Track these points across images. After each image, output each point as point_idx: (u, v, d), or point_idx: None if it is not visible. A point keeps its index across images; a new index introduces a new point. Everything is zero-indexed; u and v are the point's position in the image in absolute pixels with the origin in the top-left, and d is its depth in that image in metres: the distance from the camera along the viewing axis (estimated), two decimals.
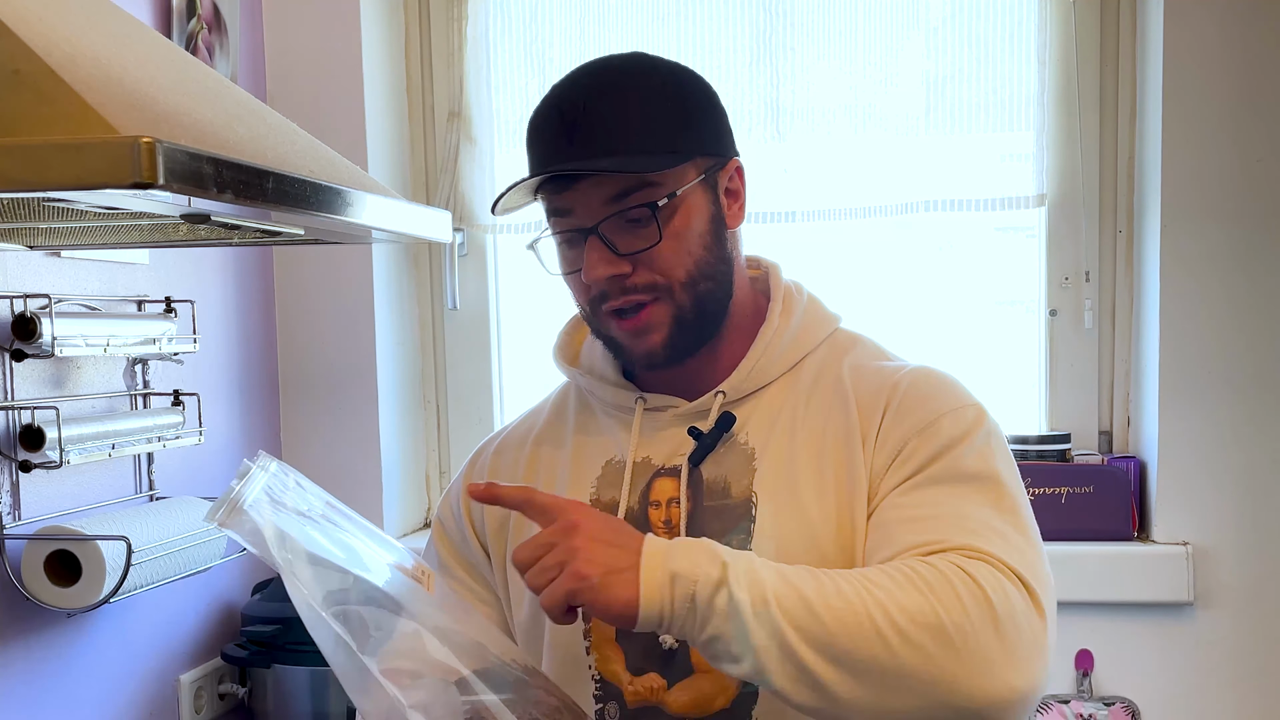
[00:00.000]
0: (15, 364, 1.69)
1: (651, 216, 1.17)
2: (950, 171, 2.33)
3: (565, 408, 1.37)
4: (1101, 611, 2.21)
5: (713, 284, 1.22)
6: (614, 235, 1.18)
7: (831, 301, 1.34)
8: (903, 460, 1.18)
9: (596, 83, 1.21)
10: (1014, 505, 1.16)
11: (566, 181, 1.19)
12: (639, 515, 1.25)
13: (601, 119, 1.18)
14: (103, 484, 1.89)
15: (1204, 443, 2.20)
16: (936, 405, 1.20)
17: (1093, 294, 2.35)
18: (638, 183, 1.17)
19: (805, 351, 1.28)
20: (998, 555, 1.08)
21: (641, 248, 1.18)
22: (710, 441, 1.24)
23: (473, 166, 2.46)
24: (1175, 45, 2.16)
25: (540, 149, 1.21)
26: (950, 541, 1.09)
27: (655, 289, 1.20)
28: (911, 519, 1.14)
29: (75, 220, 1.16)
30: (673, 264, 1.20)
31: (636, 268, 1.19)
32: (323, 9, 2.36)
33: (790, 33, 2.36)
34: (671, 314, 1.21)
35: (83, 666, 1.85)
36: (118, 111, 0.82)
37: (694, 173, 1.21)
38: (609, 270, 1.19)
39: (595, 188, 1.18)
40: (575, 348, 1.36)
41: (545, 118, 1.21)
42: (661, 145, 1.18)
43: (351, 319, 2.39)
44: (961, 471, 1.16)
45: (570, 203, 1.19)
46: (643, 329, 1.21)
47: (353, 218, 1.12)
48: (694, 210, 1.21)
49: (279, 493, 1.08)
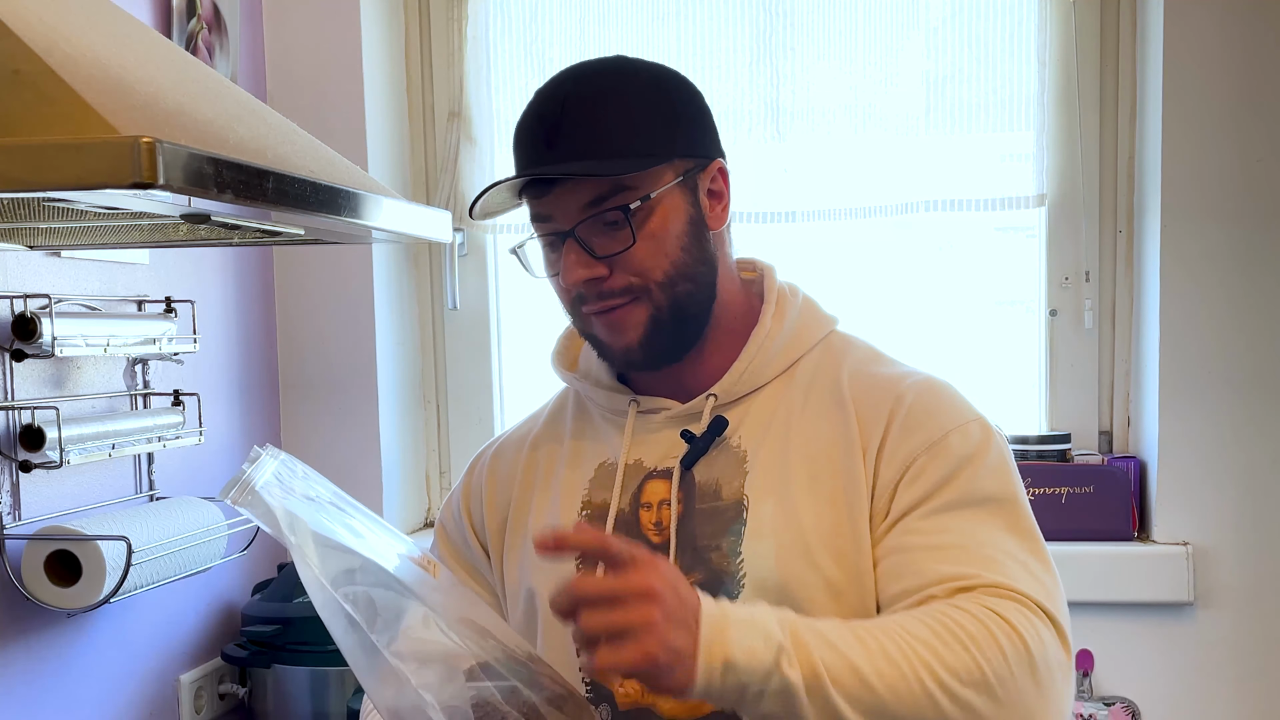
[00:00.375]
0: (15, 364, 1.69)
1: (625, 220, 1.19)
2: (950, 171, 2.33)
3: (563, 412, 1.38)
4: (1101, 611, 2.21)
5: (692, 285, 1.23)
6: (591, 238, 1.19)
7: (829, 303, 1.34)
8: (912, 478, 1.18)
9: (575, 88, 1.22)
10: (1030, 528, 1.18)
11: (545, 187, 1.20)
12: (630, 517, 1.25)
13: (577, 124, 1.19)
14: (103, 484, 1.89)
15: (1204, 443, 2.20)
16: (943, 421, 1.20)
17: (1093, 294, 2.35)
18: (613, 187, 1.18)
19: (799, 354, 1.28)
20: (1026, 593, 1.10)
21: (616, 250, 1.19)
22: (702, 444, 1.24)
23: (473, 166, 2.46)
24: (1175, 45, 2.16)
25: (521, 153, 1.23)
26: (980, 578, 1.11)
27: (631, 290, 1.21)
28: (935, 547, 1.15)
29: (75, 220, 1.16)
30: (649, 266, 1.20)
31: (614, 270, 1.20)
32: (323, 9, 2.36)
33: (790, 33, 2.36)
34: (648, 314, 1.21)
35: (83, 666, 1.85)
36: (118, 111, 0.82)
37: (671, 175, 1.21)
38: (585, 273, 1.20)
39: (572, 193, 1.19)
40: (573, 354, 1.37)
41: (526, 123, 1.23)
42: (638, 149, 1.19)
43: (351, 319, 2.39)
44: (977, 494, 1.17)
45: (549, 209, 1.21)
46: (618, 329, 1.22)
47: (353, 218, 1.12)
48: (671, 212, 1.21)
49: (288, 479, 1.08)
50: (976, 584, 1.11)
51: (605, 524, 1.26)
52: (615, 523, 1.26)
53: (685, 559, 1.22)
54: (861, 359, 1.28)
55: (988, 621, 1.07)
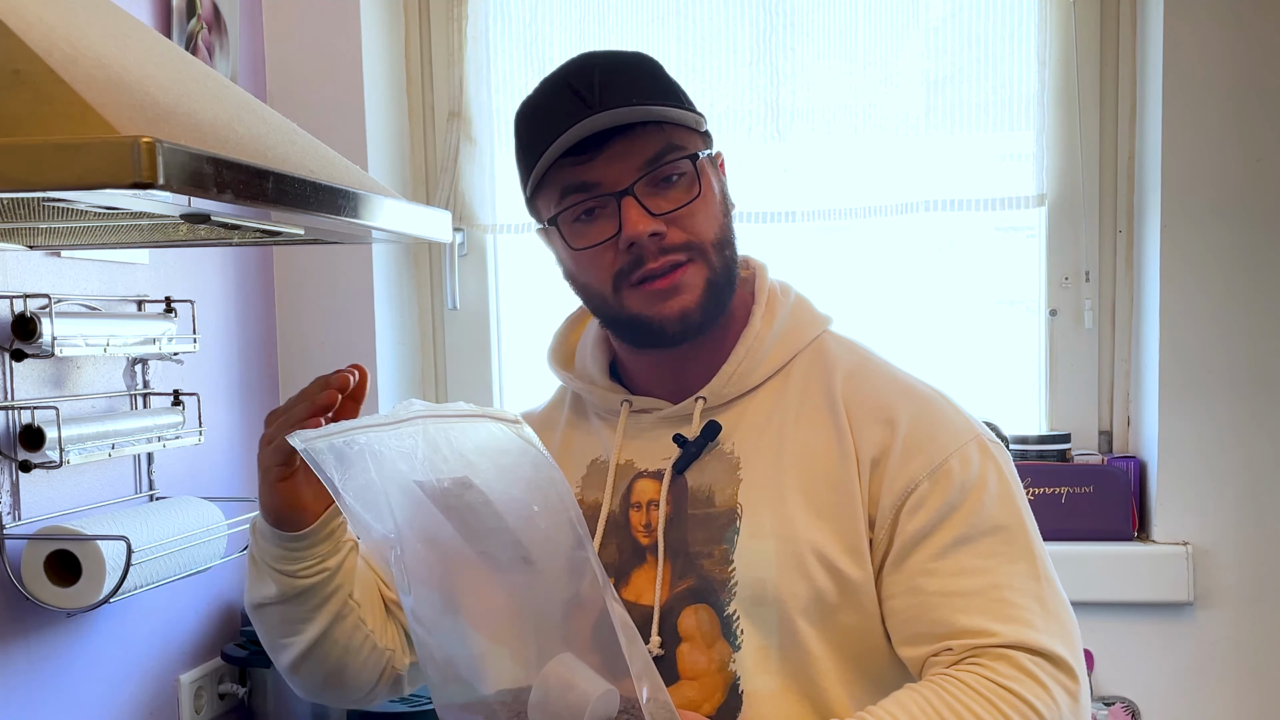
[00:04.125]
0: (15, 364, 1.69)
1: (694, 171, 1.19)
2: (950, 171, 2.33)
3: (559, 409, 1.38)
4: (1101, 611, 2.21)
5: (732, 254, 1.24)
6: (646, 198, 1.18)
7: (829, 303, 1.33)
8: (914, 506, 1.18)
9: (603, 59, 1.22)
10: (1038, 550, 1.20)
11: (590, 152, 1.17)
12: (621, 518, 1.25)
13: (619, 83, 1.18)
14: (103, 484, 1.89)
15: (1204, 443, 2.20)
16: (943, 443, 1.20)
17: (1093, 294, 2.35)
18: (667, 145, 1.18)
19: (790, 355, 1.27)
20: (1042, 646, 1.13)
21: (682, 203, 1.18)
22: (694, 450, 1.24)
23: (473, 166, 2.46)
24: (1175, 45, 2.16)
25: (551, 123, 1.18)
26: (998, 636, 1.13)
27: (690, 249, 1.20)
28: (951, 594, 1.16)
29: (75, 220, 1.16)
30: (705, 225, 1.20)
31: (670, 228, 1.19)
32: (323, 9, 2.36)
33: (790, 33, 2.36)
34: (705, 276, 1.21)
35: (82, 666, 1.85)
36: (118, 111, 0.82)
37: (703, 144, 1.23)
38: (650, 225, 1.17)
39: (626, 152, 1.17)
40: (569, 351, 1.37)
41: (553, 97, 1.20)
42: (679, 108, 1.20)
43: (351, 319, 2.39)
44: (984, 524, 1.18)
45: (596, 174, 1.18)
46: (677, 287, 1.20)
47: (353, 218, 1.12)
48: (713, 179, 1.23)
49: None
50: (993, 643, 1.13)
51: (596, 524, 1.26)
52: (606, 523, 1.26)
53: (677, 565, 1.22)
54: (855, 363, 1.27)
55: (1003, 706, 1.10)
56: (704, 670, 1.20)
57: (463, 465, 1.02)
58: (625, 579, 1.24)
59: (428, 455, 1.02)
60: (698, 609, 1.20)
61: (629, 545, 1.25)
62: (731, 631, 1.20)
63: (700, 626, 1.20)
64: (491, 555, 1.04)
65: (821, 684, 1.19)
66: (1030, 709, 1.10)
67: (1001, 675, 1.11)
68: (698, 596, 1.21)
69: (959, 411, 1.25)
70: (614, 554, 1.25)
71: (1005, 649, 1.13)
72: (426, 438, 1.02)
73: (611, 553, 1.25)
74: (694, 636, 1.20)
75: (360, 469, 1.02)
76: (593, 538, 1.25)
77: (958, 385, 1.30)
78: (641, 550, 1.24)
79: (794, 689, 1.19)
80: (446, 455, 1.02)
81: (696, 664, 1.20)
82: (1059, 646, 1.14)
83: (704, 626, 1.20)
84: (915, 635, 1.17)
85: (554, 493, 1.03)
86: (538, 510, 1.02)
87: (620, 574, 1.24)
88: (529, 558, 1.04)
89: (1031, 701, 1.11)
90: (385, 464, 1.02)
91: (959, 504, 1.18)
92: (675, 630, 1.21)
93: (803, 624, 1.18)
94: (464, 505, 1.02)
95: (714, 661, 1.20)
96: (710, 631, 1.20)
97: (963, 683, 1.11)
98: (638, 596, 1.23)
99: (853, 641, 1.20)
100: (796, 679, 1.19)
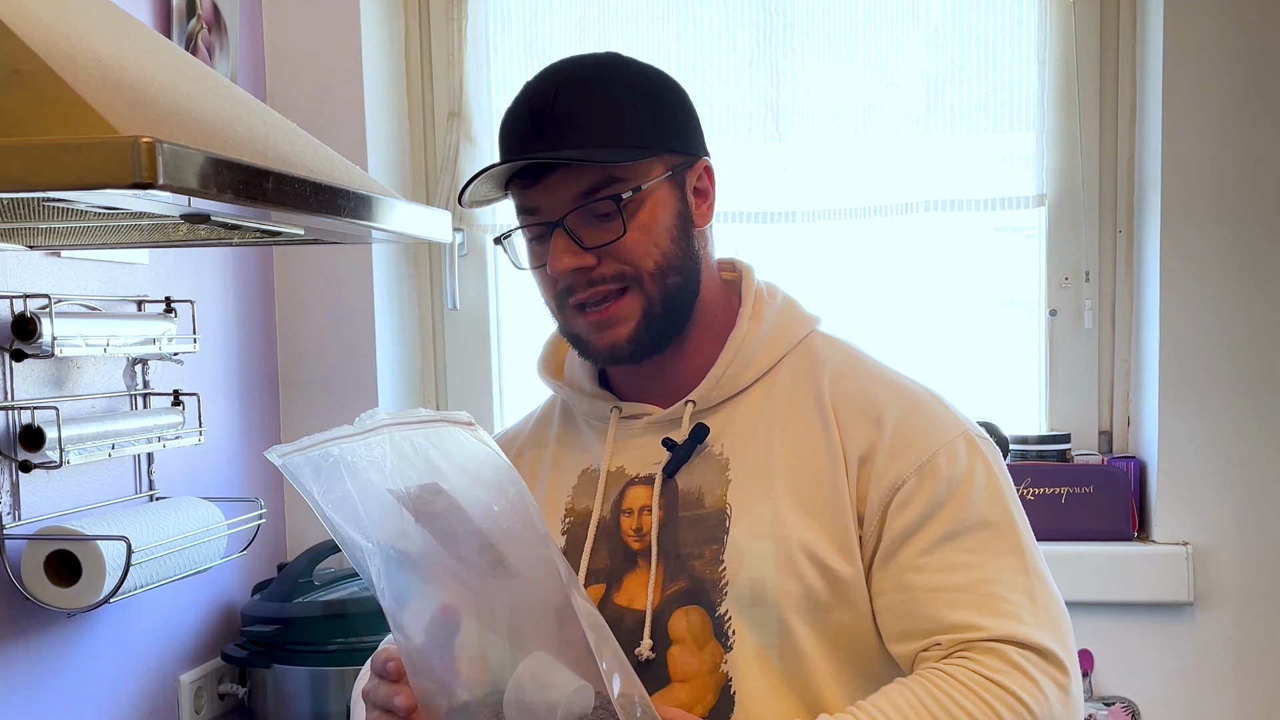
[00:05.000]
0: (15, 364, 1.69)
1: (617, 210, 1.19)
2: (950, 171, 2.33)
3: (550, 418, 1.38)
4: (1101, 611, 2.21)
5: (680, 279, 1.23)
6: (580, 229, 1.20)
7: (828, 303, 1.34)
8: (901, 503, 1.18)
9: (566, 80, 1.22)
10: (1027, 544, 1.20)
11: (534, 178, 1.20)
12: (612, 524, 1.25)
13: (569, 115, 1.19)
14: (103, 484, 1.89)
15: (1204, 443, 2.20)
16: (929, 440, 1.20)
17: (1093, 294, 2.35)
18: (604, 178, 1.19)
19: (778, 356, 1.28)
20: (1031, 640, 1.13)
21: (607, 241, 1.19)
22: (683, 453, 1.24)
23: (473, 166, 2.46)
24: (1175, 45, 2.16)
25: (509, 143, 1.23)
26: (987, 630, 1.14)
27: (624, 279, 1.21)
28: (940, 589, 1.16)
29: (75, 220, 1.16)
30: (640, 256, 1.20)
31: (602, 260, 1.20)
32: (323, 9, 2.36)
33: (790, 33, 2.36)
34: (641, 306, 1.21)
35: (83, 666, 1.85)
36: (118, 111, 0.82)
37: (661, 168, 1.22)
38: (574, 261, 1.20)
39: (562, 184, 1.19)
40: (559, 359, 1.37)
41: (516, 114, 1.23)
42: (629, 140, 1.20)
43: (351, 319, 2.39)
44: (972, 520, 1.18)
45: (536, 200, 1.21)
46: (610, 320, 1.21)
47: (353, 218, 1.12)
48: (660, 205, 1.21)
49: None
50: (982, 637, 1.13)
51: (587, 531, 1.26)
52: (597, 530, 1.26)
53: (668, 567, 1.22)
54: (843, 362, 1.28)
55: (991, 700, 1.10)
56: (695, 672, 1.20)
57: (430, 471, 1.03)
58: (617, 584, 1.24)
59: (396, 463, 1.03)
60: (689, 611, 1.20)
61: (620, 551, 1.25)
62: (723, 632, 1.19)
63: (691, 628, 1.20)
64: (465, 558, 1.05)
65: (815, 682, 1.19)
66: (1018, 701, 1.11)
67: (989, 669, 1.12)
68: (689, 598, 1.21)
69: (948, 409, 1.25)
70: (605, 560, 1.25)
71: (993, 643, 1.13)
72: (394, 446, 1.03)
73: (603, 559, 1.25)
74: (685, 639, 1.20)
75: (336, 480, 1.03)
76: (584, 545, 1.25)
77: (958, 385, 1.30)
78: (633, 555, 1.24)
79: (787, 688, 1.19)
80: (414, 462, 1.03)
81: (688, 666, 1.20)
82: (1048, 640, 1.14)
83: (695, 628, 1.20)
84: (904, 631, 1.18)
85: (513, 490, 1.03)
86: (498, 510, 1.03)
87: (612, 579, 1.24)
88: (500, 559, 1.05)
89: (1019, 694, 1.11)
90: (359, 474, 1.03)
91: (946, 500, 1.18)
92: (666, 633, 1.21)
93: (796, 623, 1.18)
94: (435, 511, 1.03)
95: (705, 663, 1.19)
96: (701, 633, 1.20)
97: (951, 676, 1.12)
98: (630, 601, 1.23)
99: (846, 639, 1.20)
100: (790, 678, 1.19)
